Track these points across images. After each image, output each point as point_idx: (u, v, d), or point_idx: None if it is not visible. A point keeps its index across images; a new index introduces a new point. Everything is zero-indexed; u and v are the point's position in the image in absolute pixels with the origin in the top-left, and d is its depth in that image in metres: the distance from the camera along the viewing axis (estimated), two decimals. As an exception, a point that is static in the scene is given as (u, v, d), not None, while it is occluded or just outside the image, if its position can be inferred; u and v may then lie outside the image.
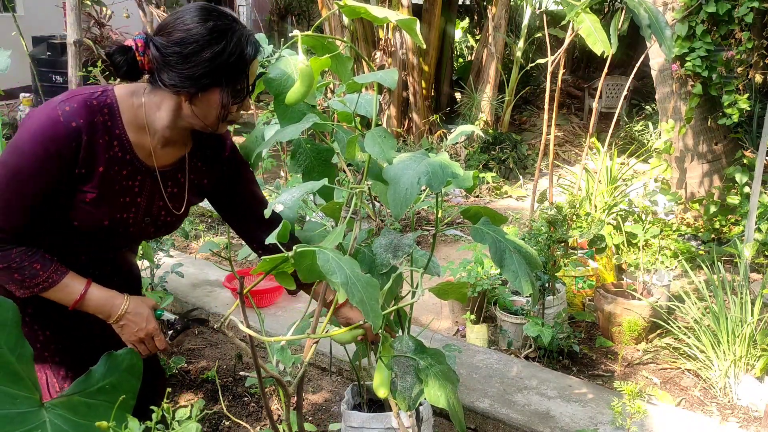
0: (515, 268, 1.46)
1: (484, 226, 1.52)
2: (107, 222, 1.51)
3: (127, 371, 1.31)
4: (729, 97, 4.31)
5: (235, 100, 1.45)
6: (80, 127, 1.40)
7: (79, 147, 1.41)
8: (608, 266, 3.86)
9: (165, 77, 1.40)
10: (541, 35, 7.91)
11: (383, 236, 1.52)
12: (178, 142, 1.57)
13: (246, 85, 1.45)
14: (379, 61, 7.00)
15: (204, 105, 1.44)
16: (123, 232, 1.56)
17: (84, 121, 1.41)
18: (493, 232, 1.51)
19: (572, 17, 2.77)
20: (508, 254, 1.48)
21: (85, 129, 1.41)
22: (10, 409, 1.16)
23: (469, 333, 3.32)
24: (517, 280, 1.46)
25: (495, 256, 1.48)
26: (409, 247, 1.49)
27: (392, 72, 1.43)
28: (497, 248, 1.48)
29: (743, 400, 2.80)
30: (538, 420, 2.55)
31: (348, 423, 1.98)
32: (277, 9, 11.94)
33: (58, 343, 1.60)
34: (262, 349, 3.05)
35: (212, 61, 1.38)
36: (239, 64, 1.41)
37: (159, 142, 1.52)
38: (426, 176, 1.35)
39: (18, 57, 3.12)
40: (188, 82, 1.39)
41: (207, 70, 1.38)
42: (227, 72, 1.41)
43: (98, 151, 1.44)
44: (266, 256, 1.37)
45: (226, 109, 1.45)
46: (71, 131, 1.40)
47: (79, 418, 1.22)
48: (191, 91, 1.41)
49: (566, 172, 5.92)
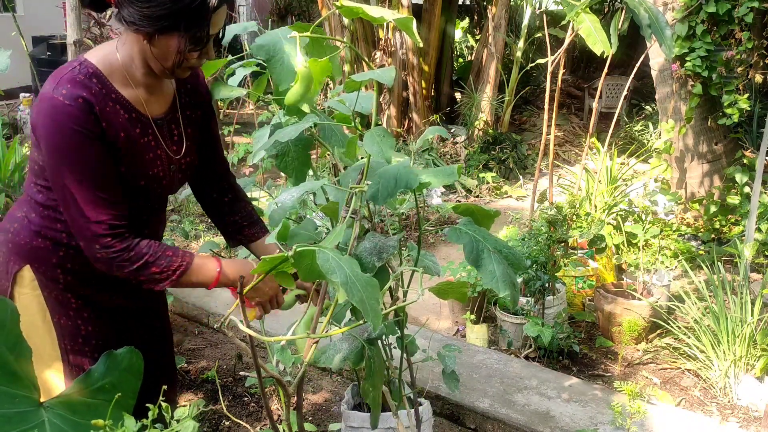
0: (493, 269, 1.42)
1: (464, 225, 1.50)
2: (143, 182, 1.53)
3: (127, 370, 1.31)
4: (729, 97, 4.31)
5: (193, 48, 1.44)
6: (87, 99, 1.41)
7: (98, 117, 1.42)
8: (608, 266, 3.86)
9: (125, 13, 1.39)
10: (541, 35, 7.91)
11: (368, 240, 1.51)
12: (162, 88, 1.58)
13: (206, 33, 1.44)
14: (379, 61, 7.00)
15: (162, 47, 1.43)
16: (157, 187, 1.58)
17: (86, 93, 1.42)
18: (474, 231, 1.48)
19: (572, 17, 2.77)
20: (486, 254, 1.44)
21: (92, 99, 1.42)
22: (9, 408, 1.16)
23: (469, 333, 3.32)
24: (494, 281, 1.42)
25: (470, 256, 1.44)
26: (394, 248, 1.48)
27: (389, 70, 1.42)
28: (473, 247, 1.44)
29: (743, 400, 2.80)
30: (538, 420, 2.55)
31: (348, 423, 1.98)
32: (277, 9, 11.94)
33: (99, 338, 1.62)
34: (262, 349, 3.05)
35: (173, 3, 1.37)
36: (200, 11, 1.39)
37: (145, 91, 1.53)
38: (373, 189, 1.35)
39: (18, 57, 3.12)
40: (146, 21, 1.38)
41: (166, 12, 1.37)
42: (187, 17, 1.38)
43: (111, 118, 1.45)
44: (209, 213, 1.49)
45: (182, 55, 1.44)
46: (82, 105, 1.40)
47: (79, 417, 1.22)
48: (149, 30, 1.40)
49: (566, 172, 5.92)
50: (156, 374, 1.68)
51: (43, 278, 1.56)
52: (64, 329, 1.58)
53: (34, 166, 1.52)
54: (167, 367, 1.85)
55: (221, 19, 1.46)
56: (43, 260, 1.55)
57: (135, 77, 1.51)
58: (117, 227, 1.44)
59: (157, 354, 1.74)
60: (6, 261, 1.57)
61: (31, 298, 1.56)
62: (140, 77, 1.51)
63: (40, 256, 1.55)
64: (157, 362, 1.77)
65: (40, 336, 1.57)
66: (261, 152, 1.66)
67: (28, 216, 1.55)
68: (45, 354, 1.59)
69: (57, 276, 1.56)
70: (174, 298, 3.31)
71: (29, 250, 1.55)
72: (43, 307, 1.56)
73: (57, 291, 1.57)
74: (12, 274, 1.55)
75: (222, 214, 1.79)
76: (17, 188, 3.96)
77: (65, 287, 1.57)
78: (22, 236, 1.55)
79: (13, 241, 1.56)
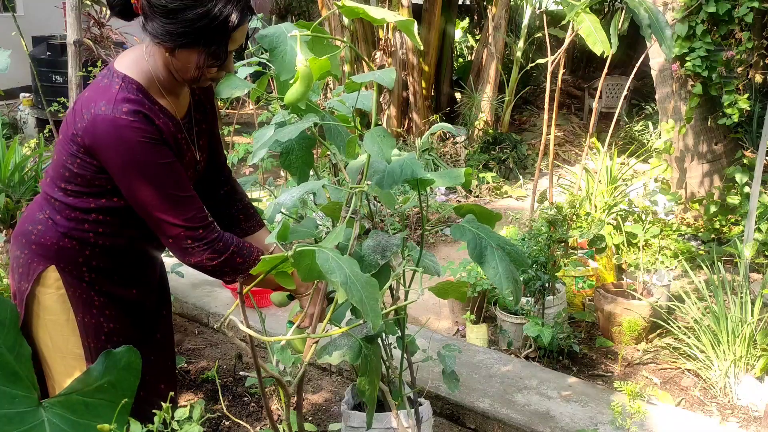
0: (496, 265, 1.44)
1: (467, 223, 1.51)
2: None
3: (126, 370, 1.31)
4: (729, 97, 4.31)
5: (212, 63, 1.48)
6: (145, 112, 1.46)
7: (158, 128, 1.48)
8: (608, 266, 3.86)
9: (150, 26, 1.44)
10: (541, 35, 7.91)
11: (371, 238, 1.51)
12: (183, 92, 1.63)
13: (226, 49, 1.48)
14: (379, 61, 7.00)
15: (183, 61, 1.47)
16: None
17: (143, 108, 1.46)
18: (477, 228, 1.49)
19: (572, 17, 2.77)
20: (490, 251, 1.45)
21: (149, 112, 1.47)
22: (8, 408, 1.16)
23: (469, 333, 3.32)
24: (497, 277, 1.43)
25: (473, 252, 1.45)
26: (397, 247, 1.48)
27: (390, 71, 1.42)
28: (476, 244, 1.46)
29: (743, 400, 2.80)
30: (538, 420, 2.55)
31: (348, 423, 1.98)
32: (277, 9, 11.94)
33: (120, 335, 1.65)
34: (262, 349, 3.05)
35: (194, 22, 1.40)
36: (221, 30, 1.43)
37: (173, 96, 1.58)
38: (378, 175, 1.35)
39: (18, 57, 3.12)
40: (167, 36, 1.42)
41: (187, 30, 1.41)
42: (207, 35, 1.43)
43: (162, 128, 1.50)
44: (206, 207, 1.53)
45: (201, 70, 1.48)
46: (144, 119, 1.45)
47: (78, 416, 1.22)
48: (169, 45, 1.44)
49: (566, 172, 5.92)
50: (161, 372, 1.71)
51: (69, 277, 1.59)
52: (88, 327, 1.61)
53: (65, 173, 1.54)
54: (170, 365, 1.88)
55: (242, 35, 1.50)
56: (69, 259, 1.59)
57: (166, 88, 1.55)
58: (204, 218, 1.51)
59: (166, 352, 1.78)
60: (29, 262, 1.60)
61: (55, 298, 1.60)
62: (168, 85, 1.55)
63: (67, 256, 1.58)
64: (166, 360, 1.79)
65: (65, 335, 1.60)
66: (261, 152, 1.66)
67: (53, 218, 1.59)
68: (69, 353, 1.62)
69: (82, 274, 1.60)
70: (174, 297, 3.31)
71: (56, 250, 1.58)
72: (68, 306, 1.60)
73: (81, 289, 1.60)
74: (35, 275, 1.59)
75: (218, 206, 1.82)
76: (17, 188, 3.96)
77: (89, 284, 1.61)
78: (47, 237, 1.58)
79: (38, 243, 1.59)
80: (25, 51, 3.63)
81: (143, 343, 1.58)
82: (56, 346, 1.62)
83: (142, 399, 1.47)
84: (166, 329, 1.87)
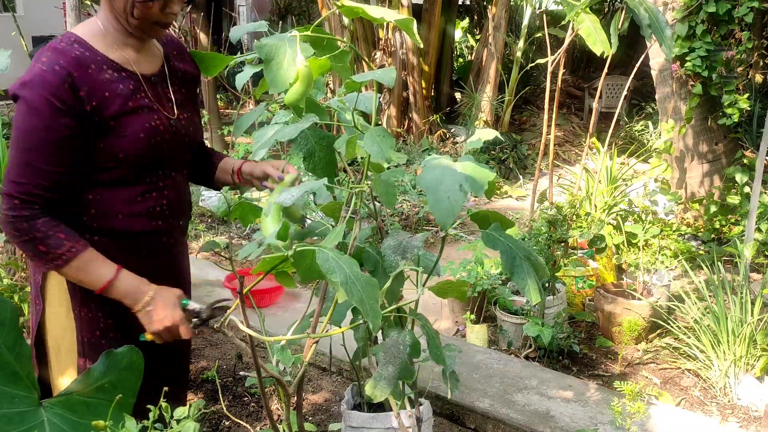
0: (524, 276, 1.46)
1: (495, 231, 1.52)
2: (143, 135, 1.54)
3: (127, 369, 1.31)
4: (729, 97, 4.31)
5: None
6: (65, 66, 1.46)
7: (75, 84, 1.46)
8: (608, 266, 3.86)
9: None
10: (541, 35, 7.91)
11: (392, 237, 1.51)
12: (149, 49, 1.64)
13: None
14: (379, 61, 7.00)
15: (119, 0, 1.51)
16: (162, 141, 1.59)
17: (64, 61, 1.46)
18: (504, 238, 1.50)
19: (572, 17, 2.77)
20: (519, 261, 1.47)
21: (71, 66, 1.46)
22: (8, 408, 1.16)
23: (469, 333, 3.32)
24: (526, 288, 1.46)
25: (507, 263, 1.47)
26: (418, 249, 1.48)
27: (390, 71, 1.42)
28: (509, 255, 1.47)
29: (743, 400, 2.80)
30: (538, 420, 2.55)
31: (348, 423, 1.98)
32: (277, 9, 11.94)
33: (116, 332, 1.62)
34: (262, 349, 3.05)
35: None
36: None
37: (133, 51, 1.59)
38: (467, 182, 1.29)
39: (18, 57, 3.12)
40: None
41: None
42: None
43: (95, 79, 1.49)
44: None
45: (136, 5, 1.49)
46: (59, 73, 1.44)
47: (78, 416, 1.21)
48: None
49: (566, 172, 5.92)
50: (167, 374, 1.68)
51: None
52: (83, 321, 1.60)
53: None
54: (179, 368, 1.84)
55: None
56: None
57: (118, 40, 1.56)
58: (32, 195, 1.46)
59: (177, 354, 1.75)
60: None
61: (58, 290, 1.59)
62: (123, 38, 1.57)
63: None
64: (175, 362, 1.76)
65: (63, 328, 1.59)
66: (261, 152, 1.66)
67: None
68: (63, 348, 1.61)
69: None
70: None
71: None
72: (68, 298, 1.59)
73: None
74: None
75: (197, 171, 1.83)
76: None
77: None
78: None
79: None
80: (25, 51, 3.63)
81: (147, 342, 1.56)
82: (53, 340, 1.62)
83: (144, 400, 1.46)
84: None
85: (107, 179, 1.55)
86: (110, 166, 1.53)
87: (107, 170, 1.54)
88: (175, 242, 1.72)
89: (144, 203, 1.59)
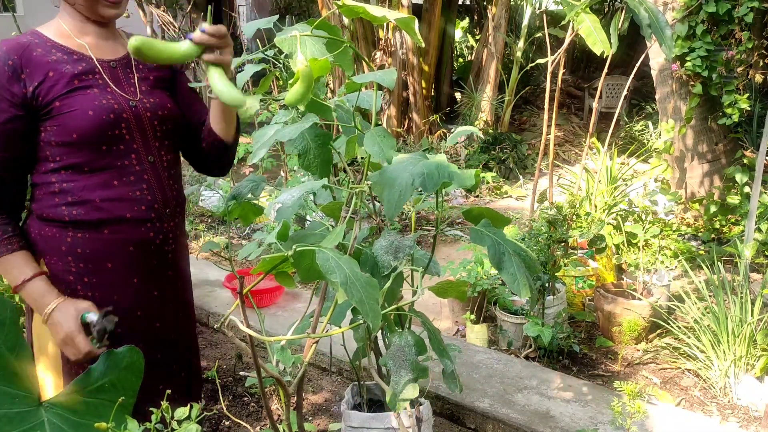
0: (514, 271, 1.45)
1: (484, 227, 1.51)
2: (92, 112, 1.53)
3: (127, 369, 1.30)
4: (729, 97, 4.31)
5: None
6: (7, 51, 1.50)
7: (15, 67, 1.50)
8: (608, 266, 3.86)
9: None
10: (541, 35, 7.91)
11: (384, 238, 1.51)
12: (112, 37, 1.66)
13: None
14: (379, 61, 7.00)
15: None
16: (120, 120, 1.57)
17: (7, 48, 1.51)
18: (493, 234, 1.50)
19: (572, 17, 2.78)
20: (507, 257, 1.46)
21: (13, 50, 1.51)
22: (8, 408, 1.16)
23: (469, 333, 3.32)
24: (515, 284, 1.44)
25: (493, 259, 1.46)
26: (410, 248, 1.48)
27: (390, 72, 1.42)
28: (496, 250, 1.47)
29: (743, 400, 2.80)
30: (538, 420, 2.55)
31: (348, 423, 1.98)
32: (277, 9, 11.95)
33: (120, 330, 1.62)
34: (262, 349, 3.05)
35: None
36: None
37: (94, 38, 1.62)
38: (420, 178, 1.35)
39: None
40: None
41: None
42: None
43: (40, 60, 1.53)
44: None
45: None
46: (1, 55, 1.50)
47: (78, 417, 1.21)
48: None
49: (566, 172, 5.92)
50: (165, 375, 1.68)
51: (53, 271, 1.58)
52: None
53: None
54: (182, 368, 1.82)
55: None
56: (54, 250, 1.57)
57: (76, 28, 1.60)
58: None
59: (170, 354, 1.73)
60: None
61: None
62: (81, 26, 1.60)
63: (51, 246, 1.57)
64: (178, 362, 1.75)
65: (47, 332, 1.58)
66: (261, 152, 1.66)
67: (30, 207, 1.61)
68: (43, 354, 1.60)
69: (69, 266, 1.57)
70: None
71: (40, 241, 1.58)
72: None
73: (67, 282, 1.58)
74: None
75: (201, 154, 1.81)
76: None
77: (76, 276, 1.58)
78: (32, 229, 1.59)
79: (26, 236, 1.60)
80: (25, 51, 3.63)
81: (145, 341, 1.54)
82: (39, 344, 1.62)
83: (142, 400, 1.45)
84: (183, 331, 1.78)
85: (76, 163, 1.54)
86: (73, 149, 1.53)
87: (72, 154, 1.53)
88: (174, 242, 1.71)
89: (122, 188, 1.58)
